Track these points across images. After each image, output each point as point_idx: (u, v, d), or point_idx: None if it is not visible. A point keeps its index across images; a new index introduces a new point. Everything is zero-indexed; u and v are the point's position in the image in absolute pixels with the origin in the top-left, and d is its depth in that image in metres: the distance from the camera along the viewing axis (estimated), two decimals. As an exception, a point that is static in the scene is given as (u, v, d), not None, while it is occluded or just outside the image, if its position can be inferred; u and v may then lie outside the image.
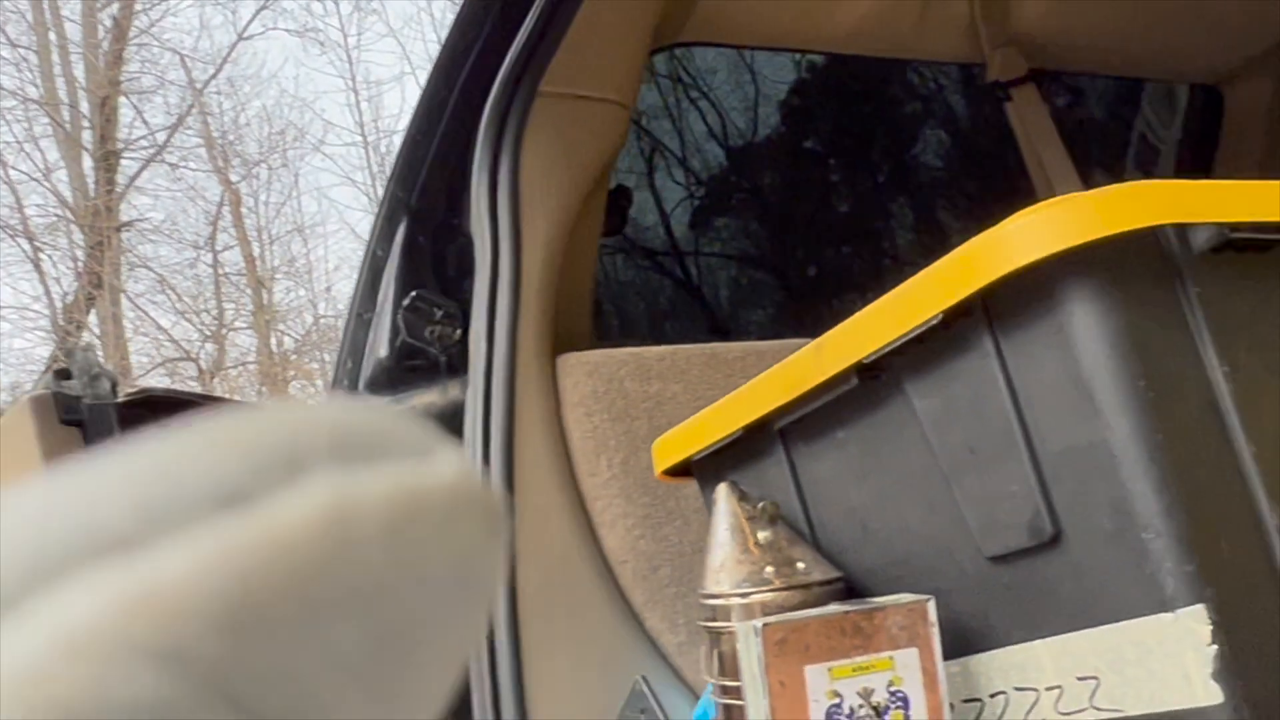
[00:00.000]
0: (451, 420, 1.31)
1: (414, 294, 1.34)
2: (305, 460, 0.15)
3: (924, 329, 0.81)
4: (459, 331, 1.34)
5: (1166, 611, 0.72)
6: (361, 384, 1.35)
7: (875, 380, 0.90)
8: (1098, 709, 0.77)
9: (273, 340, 10.71)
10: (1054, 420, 0.77)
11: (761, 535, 0.95)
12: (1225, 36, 1.98)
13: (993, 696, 0.86)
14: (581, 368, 1.29)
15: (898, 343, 0.83)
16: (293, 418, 0.16)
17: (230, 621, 0.14)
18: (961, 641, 0.88)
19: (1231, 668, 0.70)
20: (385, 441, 0.16)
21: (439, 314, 1.34)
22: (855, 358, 0.88)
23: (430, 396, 1.33)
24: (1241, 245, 0.78)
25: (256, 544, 0.14)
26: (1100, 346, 0.74)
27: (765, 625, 0.80)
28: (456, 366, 1.34)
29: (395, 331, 1.34)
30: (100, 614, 0.13)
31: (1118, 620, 0.75)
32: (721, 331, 2.49)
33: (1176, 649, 0.71)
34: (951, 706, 0.87)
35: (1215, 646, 0.70)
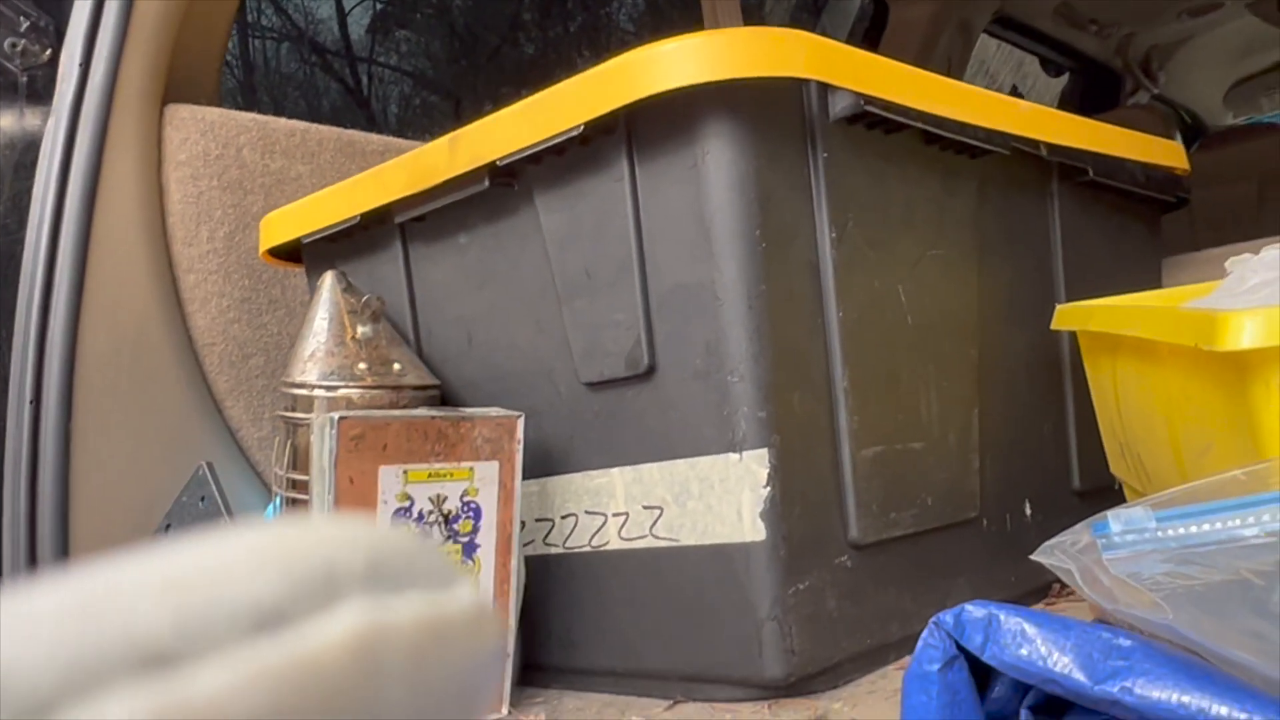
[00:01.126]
0: (25, 153, 1.12)
1: (-6, -7, 1.11)
2: (341, 585, 0.16)
3: (563, 139, 0.77)
4: (49, 52, 1.14)
5: (734, 452, 0.75)
6: (-91, 90, 1.11)
7: (507, 187, 0.86)
8: (656, 537, 0.80)
9: None
10: (671, 255, 0.77)
11: (361, 330, 0.89)
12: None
13: (564, 518, 0.87)
14: (194, 124, 1.14)
15: (535, 149, 0.79)
16: (331, 536, 0.17)
17: None
18: (545, 462, 0.88)
19: (779, 510, 0.74)
20: (414, 569, 0.17)
21: (25, 24, 1.12)
22: (489, 158, 0.83)
23: (2, 121, 1.13)
24: (873, 122, 0.81)
25: (290, 668, 0.15)
26: (727, 188, 0.74)
27: (342, 419, 0.75)
28: (40, 93, 1.13)
29: (-37, 34, 1.11)
30: None
31: (692, 456, 0.78)
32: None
33: (736, 488, 0.75)
34: (523, 524, 0.88)
35: (769, 489, 0.74)
